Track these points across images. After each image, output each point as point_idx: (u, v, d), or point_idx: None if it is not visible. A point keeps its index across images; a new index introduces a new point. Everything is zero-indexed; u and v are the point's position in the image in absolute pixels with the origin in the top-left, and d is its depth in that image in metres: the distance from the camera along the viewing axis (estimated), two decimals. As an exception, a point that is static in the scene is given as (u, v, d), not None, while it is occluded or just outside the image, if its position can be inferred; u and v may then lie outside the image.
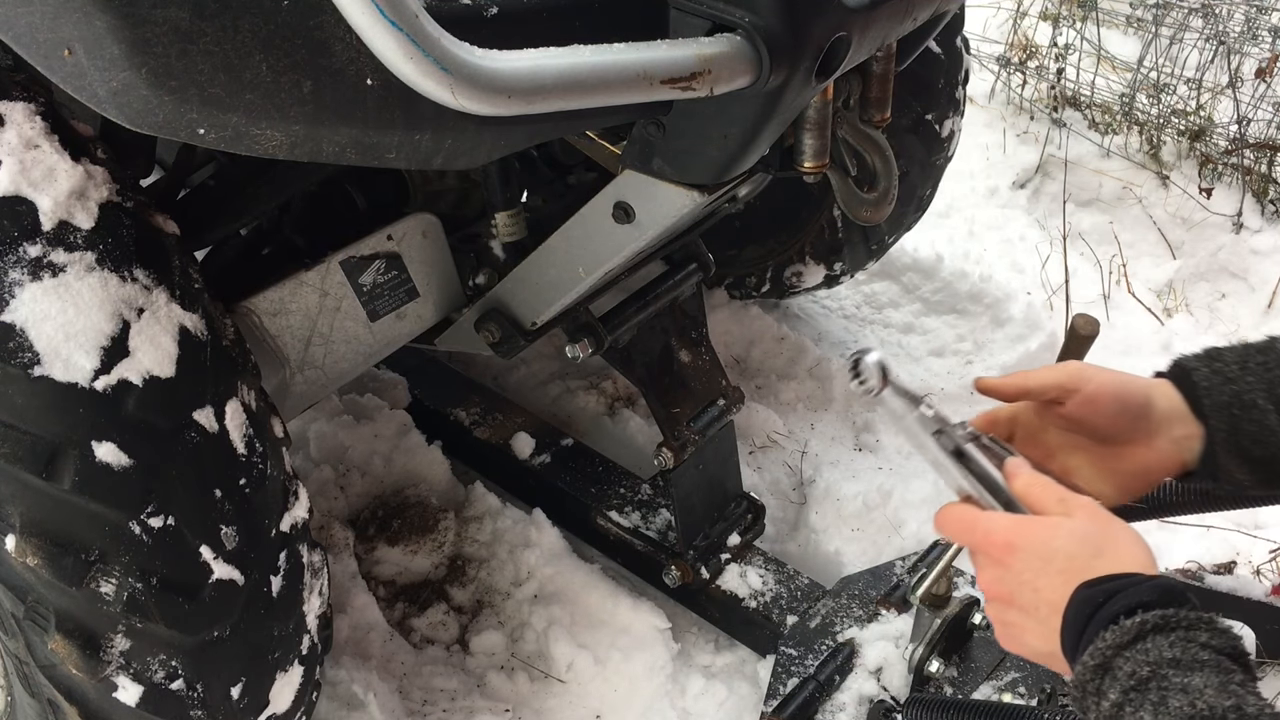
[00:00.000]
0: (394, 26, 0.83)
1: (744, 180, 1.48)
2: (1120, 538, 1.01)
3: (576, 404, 2.56)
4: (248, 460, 1.25)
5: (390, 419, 2.36)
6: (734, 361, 2.76)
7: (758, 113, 1.18)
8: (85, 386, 1.10)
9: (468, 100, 0.89)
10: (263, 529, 1.27)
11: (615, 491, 2.16)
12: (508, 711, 1.91)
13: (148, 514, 1.14)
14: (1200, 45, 3.53)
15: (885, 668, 1.71)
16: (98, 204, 1.16)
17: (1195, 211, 3.32)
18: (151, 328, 1.16)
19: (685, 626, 2.09)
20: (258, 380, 1.34)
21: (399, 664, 1.95)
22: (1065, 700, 1.67)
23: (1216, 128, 3.46)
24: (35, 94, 1.17)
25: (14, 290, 1.08)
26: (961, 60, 2.37)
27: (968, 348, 2.90)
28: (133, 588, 1.14)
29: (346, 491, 2.24)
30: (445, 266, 1.73)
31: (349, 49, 0.98)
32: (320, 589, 1.42)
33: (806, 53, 1.13)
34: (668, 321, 1.96)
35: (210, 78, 0.95)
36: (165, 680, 1.20)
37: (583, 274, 1.54)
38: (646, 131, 1.25)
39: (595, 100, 0.98)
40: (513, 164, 1.67)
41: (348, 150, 1.06)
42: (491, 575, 2.12)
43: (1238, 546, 2.16)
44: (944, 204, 3.35)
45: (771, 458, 2.48)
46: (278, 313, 1.54)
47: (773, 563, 2.03)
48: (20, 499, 1.10)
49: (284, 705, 1.37)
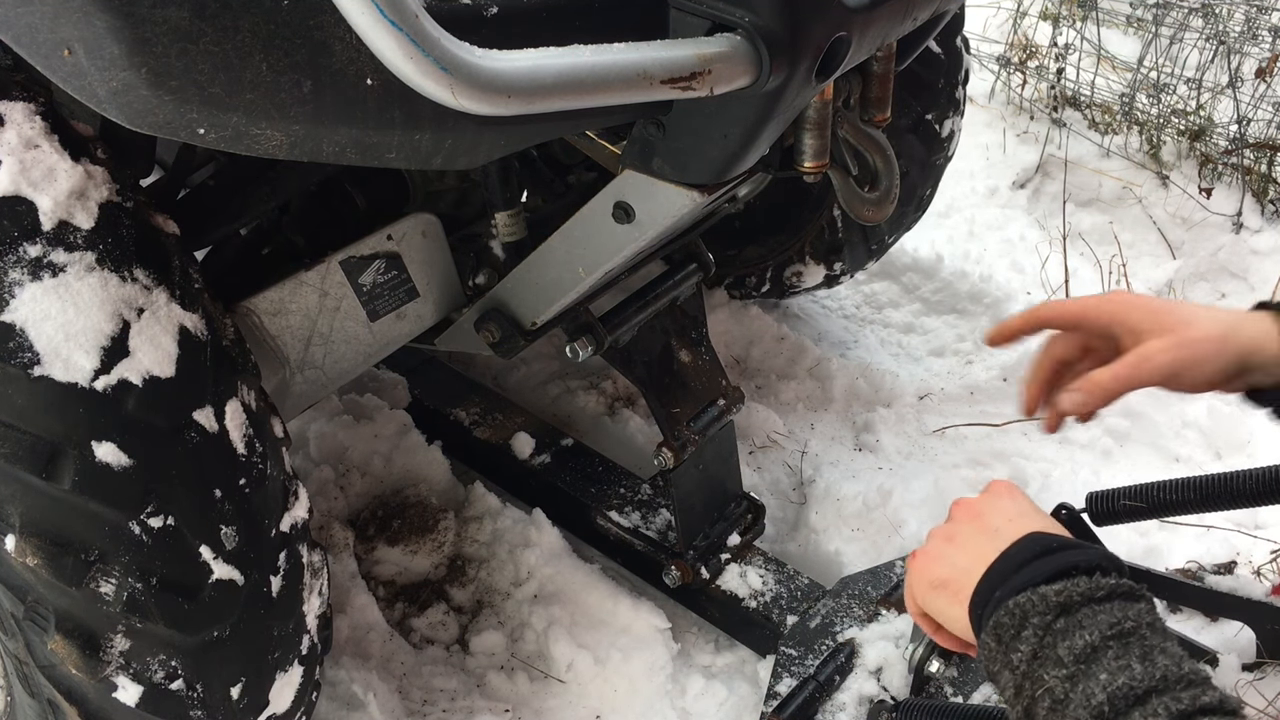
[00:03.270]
0: (394, 26, 0.83)
1: (744, 180, 1.48)
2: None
3: (576, 404, 2.56)
4: (248, 460, 1.25)
5: (390, 419, 2.36)
6: (734, 361, 2.76)
7: (758, 113, 1.18)
8: (85, 386, 1.10)
9: (468, 100, 0.89)
10: (263, 529, 1.27)
11: (615, 491, 2.16)
12: (508, 711, 1.91)
13: (147, 514, 1.14)
14: (1200, 45, 3.53)
15: (885, 668, 1.71)
16: (98, 204, 1.16)
17: (1195, 211, 3.32)
18: (151, 328, 1.16)
19: (685, 626, 2.09)
20: (258, 380, 1.34)
21: (399, 664, 1.95)
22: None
23: (1216, 128, 3.46)
24: (35, 94, 1.17)
25: (14, 290, 1.08)
26: (961, 60, 2.37)
27: (968, 348, 2.90)
28: (133, 588, 1.14)
29: (346, 491, 2.24)
30: (445, 266, 1.73)
31: (349, 49, 0.98)
32: (320, 589, 1.42)
33: (806, 53, 1.14)
34: (668, 321, 1.96)
35: (210, 78, 0.95)
36: (165, 680, 1.20)
37: (583, 274, 1.54)
38: (646, 131, 1.25)
39: (595, 100, 0.98)
40: (513, 164, 1.67)
41: (348, 150, 1.06)
42: (491, 575, 2.12)
43: (1238, 546, 2.16)
44: (944, 204, 3.35)
45: (771, 458, 2.48)
46: (278, 313, 1.54)
47: (773, 563, 2.03)
48: (20, 499, 1.10)
49: (284, 705, 1.37)
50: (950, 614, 1.06)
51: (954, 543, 1.09)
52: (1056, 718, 0.86)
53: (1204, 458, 2.52)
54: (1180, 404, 2.64)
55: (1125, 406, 2.61)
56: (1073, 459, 2.52)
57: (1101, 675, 0.85)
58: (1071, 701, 0.85)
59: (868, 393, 2.70)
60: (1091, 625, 0.88)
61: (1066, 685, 0.86)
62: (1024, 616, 0.92)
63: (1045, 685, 0.88)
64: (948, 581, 1.07)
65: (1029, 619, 0.91)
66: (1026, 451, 2.53)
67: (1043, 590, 0.92)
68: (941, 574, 1.08)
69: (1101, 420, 2.61)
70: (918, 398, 2.71)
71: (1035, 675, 0.89)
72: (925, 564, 1.12)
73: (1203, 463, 2.50)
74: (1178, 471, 2.38)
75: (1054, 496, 2.00)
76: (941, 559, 1.09)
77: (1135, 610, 0.89)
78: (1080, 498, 1.71)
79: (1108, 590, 0.90)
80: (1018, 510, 1.08)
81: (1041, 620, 0.90)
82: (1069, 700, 0.86)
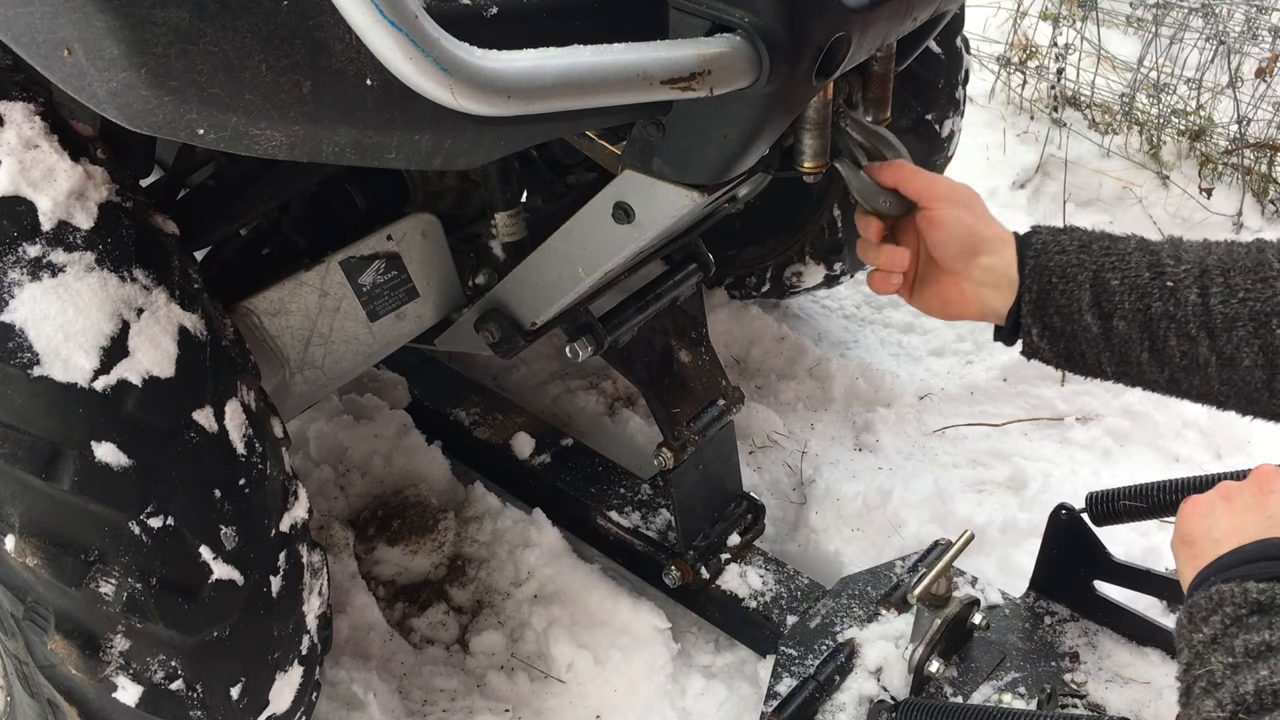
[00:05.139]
0: (394, 27, 0.83)
1: (744, 180, 1.48)
2: None
3: (576, 404, 2.56)
4: (247, 460, 1.25)
5: (390, 419, 2.36)
6: (734, 361, 2.76)
7: (758, 113, 1.18)
8: (85, 386, 1.10)
9: (467, 100, 0.89)
10: (262, 529, 1.27)
11: (615, 491, 2.16)
12: (508, 711, 1.91)
13: (147, 514, 1.14)
14: (1200, 45, 3.53)
15: (885, 668, 1.71)
16: (97, 204, 1.16)
17: (1195, 211, 3.32)
18: (151, 328, 1.16)
19: (685, 626, 2.09)
20: (257, 380, 1.34)
21: (399, 664, 1.95)
22: (1065, 701, 1.67)
23: (1216, 127, 3.46)
24: (35, 94, 1.17)
25: (14, 290, 1.08)
26: (961, 60, 2.37)
27: (968, 348, 2.90)
28: (132, 588, 1.14)
29: (346, 491, 2.24)
30: (445, 266, 1.73)
31: (349, 49, 0.98)
32: (320, 589, 1.42)
33: (806, 53, 1.13)
34: (668, 321, 1.96)
35: (210, 78, 0.95)
36: (165, 680, 1.20)
37: (583, 274, 1.54)
38: (646, 131, 1.25)
39: (595, 100, 0.98)
40: (513, 164, 1.67)
41: (348, 150, 1.06)
42: (491, 575, 2.12)
43: (1238, 546, 2.16)
44: (944, 204, 3.34)
45: (771, 458, 2.48)
46: (277, 313, 1.54)
47: (773, 563, 2.03)
48: (20, 499, 1.10)
49: (284, 705, 1.37)
50: (1184, 573, 1.06)
51: (1228, 505, 1.07)
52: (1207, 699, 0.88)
53: (1204, 458, 2.52)
54: (1180, 404, 2.64)
55: (1125, 406, 2.61)
56: (1073, 459, 2.52)
57: (1262, 670, 0.86)
58: (1223, 687, 0.88)
59: (868, 393, 2.70)
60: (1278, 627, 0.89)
61: (1228, 672, 0.88)
62: (1219, 603, 0.94)
63: (1209, 667, 0.90)
64: (1195, 542, 1.06)
65: (1222, 606, 0.93)
66: (1026, 451, 2.53)
67: (1248, 585, 0.94)
68: (1194, 532, 1.07)
69: (1101, 420, 2.61)
70: (918, 398, 2.71)
71: (1205, 658, 0.91)
72: (1192, 513, 1.10)
73: (1203, 463, 2.50)
74: (1178, 471, 2.38)
75: (1054, 496, 2.00)
76: (1206, 517, 1.07)
77: None
78: (1080, 498, 1.72)
79: None
80: None
81: (1235, 611, 0.92)
82: (1221, 685, 0.88)
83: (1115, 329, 1.23)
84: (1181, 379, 1.24)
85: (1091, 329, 1.25)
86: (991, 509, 2.33)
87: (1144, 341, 1.22)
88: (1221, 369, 1.19)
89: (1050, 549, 1.79)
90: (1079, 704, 1.67)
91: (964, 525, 2.16)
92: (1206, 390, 1.23)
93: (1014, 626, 1.80)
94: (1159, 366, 1.24)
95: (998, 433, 2.58)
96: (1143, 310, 1.22)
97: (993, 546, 2.18)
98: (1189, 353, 1.21)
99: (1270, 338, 1.16)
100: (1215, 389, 1.22)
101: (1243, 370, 1.18)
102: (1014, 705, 1.66)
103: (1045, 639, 1.77)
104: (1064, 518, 1.74)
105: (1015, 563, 2.12)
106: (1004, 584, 1.91)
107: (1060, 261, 1.27)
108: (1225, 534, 1.03)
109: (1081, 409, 2.64)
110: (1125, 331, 1.23)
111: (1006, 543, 2.19)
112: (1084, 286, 1.24)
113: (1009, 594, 1.86)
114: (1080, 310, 1.24)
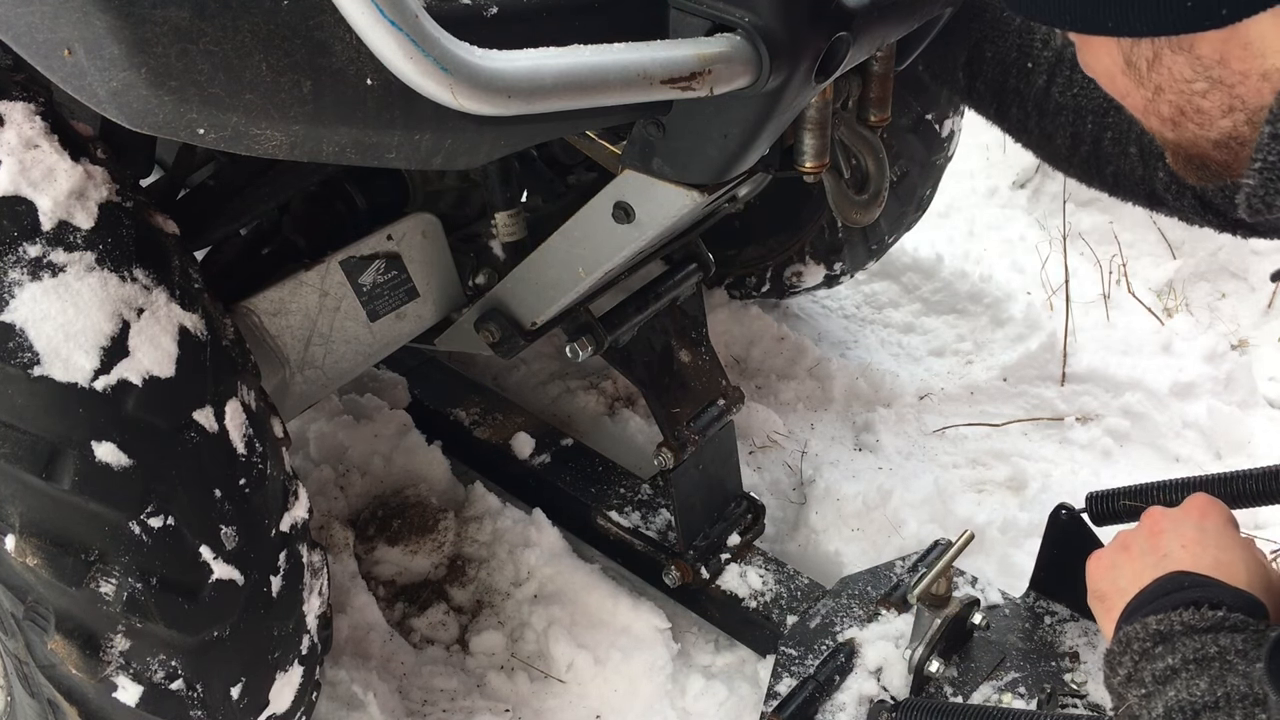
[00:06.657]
0: (394, 26, 0.83)
1: (744, 180, 1.48)
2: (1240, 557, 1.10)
3: (576, 404, 2.56)
4: (248, 460, 1.25)
5: (390, 419, 2.36)
6: (734, 361, 2.76)
7: (758, 113, 1.18)
8: (85, 386, 1.10)
9: (468, 100, 0.89)
10: (263, 529, 1.27)
11: (615, 491, 2.16)
12: (508, 711, 1.91)
13: (147, 514, 1.14)
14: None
15: (885, 668, 1.71)
16: (97, 204, 1.16)
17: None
18: (151, 328, 1.16)
19: (685, 626, 2.09)
20: (258, 380, 1.34)
21: (399, 664, 1.95)
22: (1065, 701, 1.67)
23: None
24: (35, 94, 1.17)
25: (14, 290, 1.08)
26: (961, 60, 2.36)
27: (968, 348, 2.90)
28: (132, 588, 1.14)
29: (346, 491, 2.24)
30: (445, 266, 1.73)
31: (349, 49, 0.98)
32: (320, 589, 1.42)
33: (806, 53, 1.14)
34: (668, 321, 1.96)
35: (210, 78, 0.95)
36: (165, 680, 1.20)
37: (583, 274, 1.54)
38: (646, 131, 1.25)
39: (595, 100, 0.98)
40: (513, 164, 1.67)
41: (348, 150, 1.06)
42: (491, 575, 2.12)
43: (1238, 546, 2.16)
44: (944, 204, 3.35)
45: (771, 458, 2.48)
46: (278, 313, 1.54)
47: (773, 563, 2.03)
48: (20, 499, 1.10)
49: (284, 705, 1.37)
50: (1104, 627, 1.13)
51: (1127, 554, 1.14)
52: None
53: (1204, 458, 2.52)
54: (1180, 404, 2.64)
55: (1125, 406, 2.61)
56: (1073, 459, 2.52)
57: (1170, 692, 0.91)
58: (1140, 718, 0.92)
59: (868, 393, 2.70)
60: (1179, 651, 0.93)
61: (1142, 703, 0.93)
62: (1127, 644, 0.99)
63: (1127, 703, 0.95)
64: (1106, 596, 1.13)
65: (1130, 645, 0.99)
66: (1026, 451, 2.54)
67: (1148, 620, 0.99)
68: (1103, 587, 1.15)
69: (1101, 420, 2.61)
70: (918, 398, 2.71)
71: (1124, 696, 0.97)
72: (1098, 569, 1.18)
73: (1203, 463, 2.50)
74: (1178, 471, 2.38)
75: (1054, 496, 2.00)
76: (1110, 570, 1.15)
77: (1231, 639, 0.93)
78: (1080, 498, 1.72)
79: (1212, 622, 0.95)
80: (1198, 536, 1.11)
81: (1140, 646, 0.98)
82: (1139, 717, 0.93)
83: (976, 89, 1.54)
84: (1015, 135, 1.57)
85: (960, 83, 1.56)
86: (991, 509, 2.33)
87: (993, 104, 1.54)
88: (1042, 141, 1.52)
89: (1050, 549, 1.79)
90: (1079, 704, 1.67)
91: (964, 525, 2.16)
92: (1027, 144, 1.57)
93: (1014, 626, 1.80)
94: (1001, 122, 1.56)
95: (998, 433, 2.58)
96: (1000, 80, 1.51)
97: (993, 546, 2.18)
98: (1022, 122, 1.52)
99: (1080, 127, 1.45)
100: (1033, 147, 1.57)
101: (1055, 145, 1.51)
102: (1014, 705, 1.65)
103: (1045, 639, 1.77)
104: (1064, 518, 1.74)
105: (1015, 563, 2.12)
106: (1004, 584, 1.91)
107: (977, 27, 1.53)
108: (1130, 582, 1.10)
109: (1081, 409, 2.64)
110: (983, 92, 1.54)
111: (1006, 543, 2.19)
112: (963, 47, 1.52)
113: (1009, 594, 1.86)
114: (955, 66, 1.54)
